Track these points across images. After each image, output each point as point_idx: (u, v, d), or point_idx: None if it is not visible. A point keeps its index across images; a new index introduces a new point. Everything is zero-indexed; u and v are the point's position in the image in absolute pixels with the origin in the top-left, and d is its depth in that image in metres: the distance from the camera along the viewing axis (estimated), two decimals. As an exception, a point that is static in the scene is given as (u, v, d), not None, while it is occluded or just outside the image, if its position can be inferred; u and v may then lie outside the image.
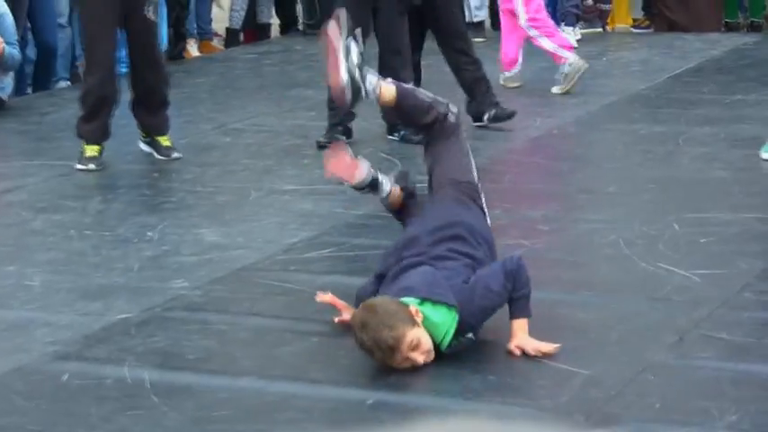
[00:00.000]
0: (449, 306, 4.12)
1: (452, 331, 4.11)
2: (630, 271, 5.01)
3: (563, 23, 10.38)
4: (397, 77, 6.97)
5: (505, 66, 8.53)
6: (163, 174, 6.92)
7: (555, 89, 8.32)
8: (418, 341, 4.05)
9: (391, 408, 3.88)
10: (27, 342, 4.51)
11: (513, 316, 4.22)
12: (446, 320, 4.11)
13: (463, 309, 4.12)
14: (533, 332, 4.21)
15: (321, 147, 6.96)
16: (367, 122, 7.51)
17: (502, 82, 8.57)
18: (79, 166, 6.89)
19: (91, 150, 6.93)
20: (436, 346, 4.11)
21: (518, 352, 4.16)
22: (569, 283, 4.65)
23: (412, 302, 4.11)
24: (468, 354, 4.21)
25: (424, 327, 4.07)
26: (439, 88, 5.63)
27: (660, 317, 4.51)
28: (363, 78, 4.65)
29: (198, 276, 5.14)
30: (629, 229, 5.53)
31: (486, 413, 3.82)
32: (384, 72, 6.95)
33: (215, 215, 6.06)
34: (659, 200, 6.06)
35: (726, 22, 11.23)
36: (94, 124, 6.92)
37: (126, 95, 7.02)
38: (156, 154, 7.07)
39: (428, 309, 4.11)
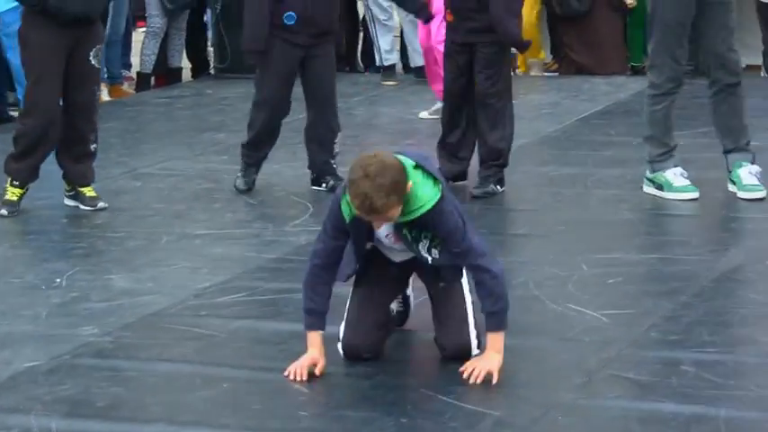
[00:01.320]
0: (435, 181, 4.30)
1: (427, 209, 4.26)
2: (540, 312, 5.06)
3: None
4: (330, 127, 7.05)
5: (439, 94, 8.45)
6: (72, 219, 6.86)
7: (424, 114, 8.80)
8: (392, 216, 4.24)
9: (302, 453, 3.89)
10: (-69, 392, 4.45)
11: (488, 329, 4.36)
12: (428, 196, 4.28)
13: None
14: (445, 373, 4.24)
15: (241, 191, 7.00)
16: (279, 165, 7.54)
17: (429, 114, 8.78)
18: None
19: (12, 194, 6.83)
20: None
21: (466, 374, 4.30)
22: (479, 323, 4.67)
23: (408, 164, 4.27)
24: (381, 395, 4.24)
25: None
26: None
27: (569, 357, 4.56)
28: None
29: (107, 323, 5.10)
30: (538, 270, 5.60)
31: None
32: (318, 123, 7.02)
33: (125, 261, 6.02)
34: (568, 241, 6.13)
35: (631, 65, 11.41)
36: (25, 164, 6.81)
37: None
38: (81, 206, 6.94)
39: (419, 176, 4.29)
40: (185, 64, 11.80)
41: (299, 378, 4.37)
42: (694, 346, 4.65)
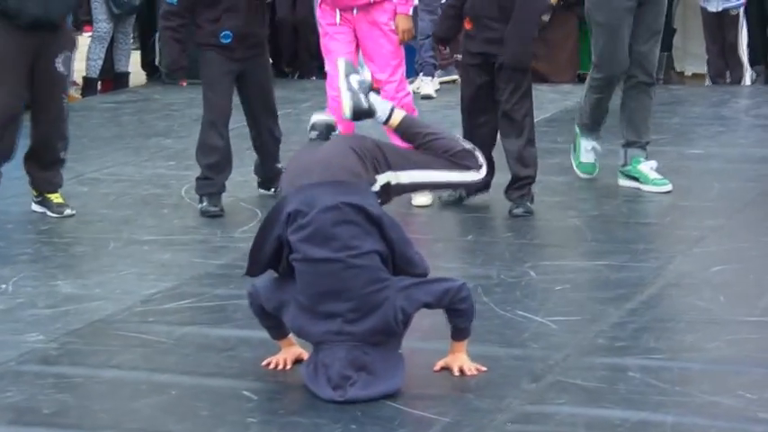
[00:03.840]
0: None
1: None
2: (488, 318, 5.08)
3: (421, 74, 10.52)
4: (274, 135, 7.01)
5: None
6: (18, 225, 6.82)
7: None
8: None
9: (251, 459, 3.89)
10: None
11: (454, 338, 4.42)
12: None
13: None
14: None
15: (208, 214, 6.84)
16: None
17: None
18: None
19: None
20: None
21: (457, 372, 4.39)
22: (428, 331, 4.68)
23: None
24: (328, 402, 4.22)
25: None
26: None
27: (517, 363, 4.57)
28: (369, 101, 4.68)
29: (53, 329, 5.07)
30: (487, 276, 5.61)
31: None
32: (263, 132, 6.94)
33: (71, 266, 5.99)
34: (516, 248, 6.16)
35: (579, 73, 11.48)
36: None
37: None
38: (48, 212, 6.87)
39: None
40: (133, 68, 11.73)
41: (280, 366, 4.46)
42: (641, 352, 4.68)
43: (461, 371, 4.41)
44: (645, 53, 6.97)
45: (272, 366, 4.51)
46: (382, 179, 4.43)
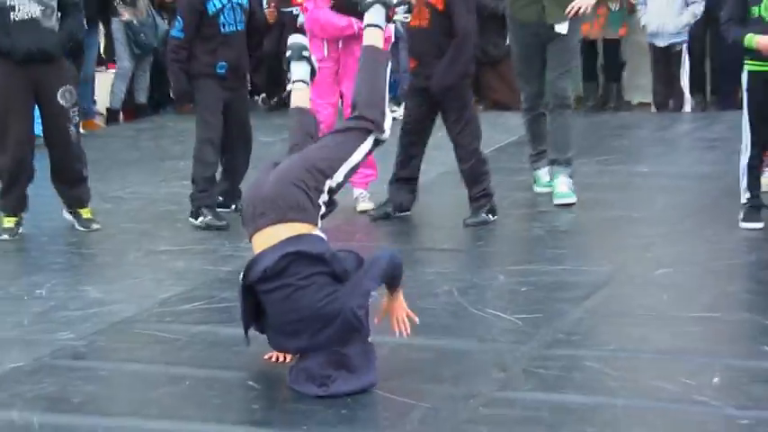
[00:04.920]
0: None
1: None
2: (462, 316, 5.09)
3: (404, 104, 10.49)
4: (247, 160, 7.01)
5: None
6: (51, 238, 6.81)
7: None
8: None
9: (255, 441, 3.88)
10: (-75, 391, 4.39)
11: (390, 290, 4.39)
12: None
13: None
14: (380, 371, 4.25)
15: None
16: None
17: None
18: None
19: (8, 221, 6.73)
20: None
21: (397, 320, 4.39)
22: (409, 327, 4.69)
23: None
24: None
25: None
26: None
27: (488, 356, 4.58)
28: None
29: (82, 329, 5.07)
30: (461, 279, 5.62)
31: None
32: (239, 155, 6.97)
33: (97, 274, 5.99)
34: (487, 254, 6.17)
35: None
36: (10, 197, 6.71)
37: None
38: (76, 224, 6.85)
39: None
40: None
41: (280, 360, 4.45)
42: (595, 344, 4.70)
43: (398, 322, 4.39)
44: (554, 82, 7.16)
45: (273, 360, 4.51)
46: (325, 189, 4.44)
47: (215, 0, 6.82)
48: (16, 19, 6.46)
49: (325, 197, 4.44)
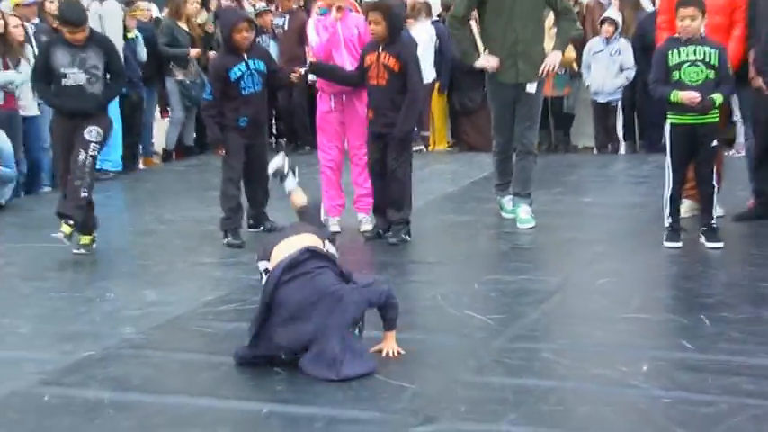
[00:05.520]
0: None
1: None
2: (444, 316, 5.08)
3: (366, 147, 10.40)
4: (265, 190, 7.03)
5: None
6: (117, 251, 6.80)
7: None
8: None
9: (281, 416, 3.86)
10: (18, 373, 4.38)
11: (386, 329, 4.38)
12: None
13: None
14: (378, 361, 4.24)
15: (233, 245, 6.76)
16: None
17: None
18: (74, 251, 6.61)
19: (84, 239, 6.72)
20: None
21: (387, 352, 4.36)
22: (400, 325, 4.67)
23: None
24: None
25: None
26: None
27: (465, 348, 4.57)
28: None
29: (141, 324, 5.07)
30: (443, 287, 5.61)
31: (348, 418, 3.83)
32: (256, 188, 7.01)
33: (154, 280, 5.97)
34: (464, 267, 6.15)
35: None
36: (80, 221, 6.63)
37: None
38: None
39: None
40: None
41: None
42: (551, 339, 4.69)
43: (387, 354, 4.37)
44: (523, 132, 7.13)
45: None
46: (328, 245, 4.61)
47: (236, 69, 6.82)
48: (66, 84, 6.51)
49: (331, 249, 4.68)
